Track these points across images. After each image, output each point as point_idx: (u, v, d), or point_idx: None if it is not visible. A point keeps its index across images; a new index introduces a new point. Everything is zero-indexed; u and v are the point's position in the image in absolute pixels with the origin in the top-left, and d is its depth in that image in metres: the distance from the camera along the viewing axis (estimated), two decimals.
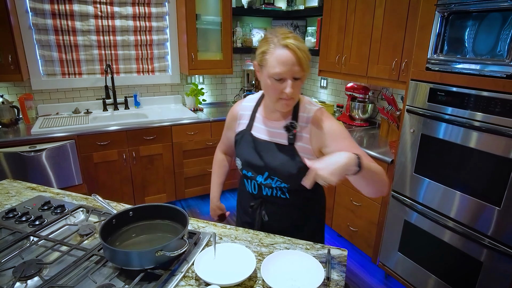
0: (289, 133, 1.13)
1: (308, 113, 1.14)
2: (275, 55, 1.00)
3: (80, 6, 2.80)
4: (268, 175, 1.17)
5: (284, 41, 0.99)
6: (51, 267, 1.01)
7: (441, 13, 1.67)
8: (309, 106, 1.15)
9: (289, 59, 0.99)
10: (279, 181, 1.17)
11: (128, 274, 0.98)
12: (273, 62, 1.00)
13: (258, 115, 1.23)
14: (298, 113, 1.15)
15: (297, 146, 1.13)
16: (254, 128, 1.23)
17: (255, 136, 1.21)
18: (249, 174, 1.23)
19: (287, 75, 1.01)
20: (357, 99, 2.86)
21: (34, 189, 1.55)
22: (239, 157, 1.24)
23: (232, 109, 1.33)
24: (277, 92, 1.04)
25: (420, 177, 1.88)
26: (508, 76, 1.44)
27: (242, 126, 1.26)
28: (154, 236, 1.14)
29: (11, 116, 2.61)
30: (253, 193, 1.27)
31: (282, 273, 0.98)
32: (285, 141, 1.15)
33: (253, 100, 1.28)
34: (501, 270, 1.57)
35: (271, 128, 1.19)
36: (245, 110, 1.27)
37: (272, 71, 1.01)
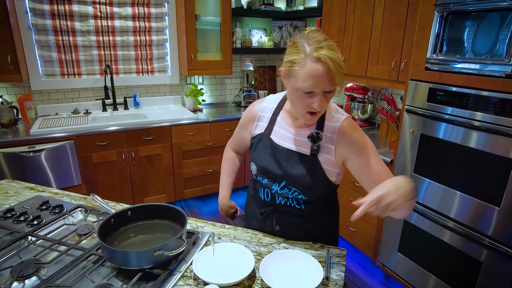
0: (314, 143, 1.05)
1: (335, 123, 1.05)
2: (306, 68, 0.90)
3: (80, 6, 2.80)
4: (285, 184, 1.09)
5: (317, 52, 0.88)
6: (49, 267, 1.00)
7: (440, 13, 1.67)
8: (336, 114, 1.07)
9: (321, 74, 0.89)
10: (297, 192, 1.09)
11: (126, 273, 0.98)
12: (303, 76, 0.91)
13: (280, 119, 1.14)
14: (324, 122, 1.06)
15: (320, 158, 1.05)
16: (273, 132, 1.13)
17: (274, 141, 1.12)
18: (264, 182, 1.14)
19: (317, 90, 0.92)
20: (357, 99, 2.86)
21: (33, 189, 1.55)
22: (255, 163, 1.15)
23: (250, 108, 1.23)
24: (305, 105, 0.96)
25: (420, 177, 1.88)
26: (507, 76, 1.44)
27: (260, 128, 1.17)
28: (153, 236, 1.13)
29: (10, 117, 2.61)
30: (265, 200, 1.19)
31: (280, 272, 0.98)
32: (307, 151, 1.06)
33: (274, 101, 1.18)
34: (500, 270, 1.57)
35: (293, 135, 1.10)
36: (265, 112, 1.18)
37: (301, 85, 0.92)
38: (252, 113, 1.22)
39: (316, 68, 0.89)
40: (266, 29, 3.73)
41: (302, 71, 0.91)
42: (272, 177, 1.11)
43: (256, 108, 1.21)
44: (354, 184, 2.40)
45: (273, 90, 3.93)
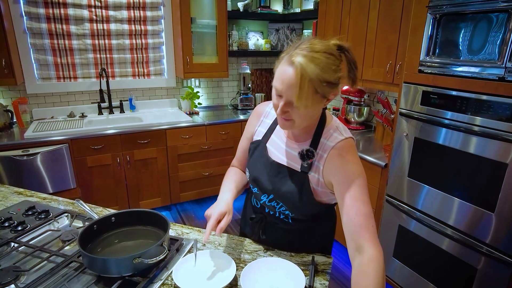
0: (304, 161, 0.97)
1: (331, 142, 0.96)
2: (279, 67, 0.87)
3: (75, 10, 2.80)
4: (273, 197, 1.06)
5: (294, 57, 0.83)
6: (28, 274, 0.99)
7: (433, 15, 1.65)
8: (334, 133, 0.97)
9: (287, 79, 0.83)
10: (284, 207, 1.06)
11: (107, 281, 0.96)
12: (276, 74, 0.89)
13: (278, 128, 1.08)
14: (320, 139, 0.98)
15: (310, 176, 0.98)
16: (270, 141, 1.09)
17: (268, 152, 1.07)
18: (254, 190, 1.13)
19: (283, 94, 0.86)
20: (353, 102, 2.83)
21: (21, 193, 1.54)
22: (249, 170, 1.12)
23: (256, 109, 1.17)
24: (275, 106, 0.92)
25: (414, 181, 1.86)
26: (500, 79, 1.42)
27: (259, 134, 1.13)
28: (137, 242, 1.12)
29: (5, 120, 2.61)
30: (256, 206, 1.18)
31: (262, 280, 0.96)
32: (298, 167, 1.00)
33: None
34: (495, 277, 1.54)
35: (287, 147, 1.04)
36: (267, 117, 1.13)
37: (273, 82, 0.89)
38: (258, 113, 1.15)
39: (285, 70, 0.84)
40: (263, 32, 3.72)
41: (277, 69, 0.88)
42: (261, 188, 1.08)
43: (261, 109, 1.15)
44: None
45: (270, 93, 3.90)
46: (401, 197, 1.95)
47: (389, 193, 2.02)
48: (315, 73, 0.81)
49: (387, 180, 2.02)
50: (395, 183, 1.98)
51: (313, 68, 0.81)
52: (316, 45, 0.84)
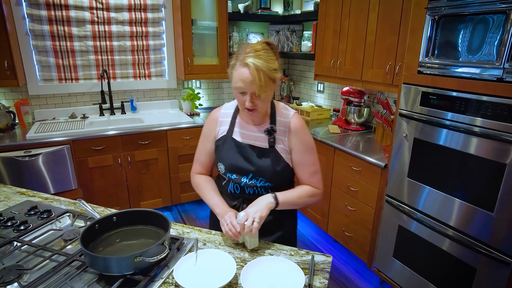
0: (270, 136, 1.22)
1: (285, 118, 1.24)
2: (236, 71, 1.10)
3: (77, 12, 2.82)
4: (252, 176, 1.23)
5: (246, 60, 1.06)
6: (31, 273, 1.00)
7: (432, 17, 1.66)
8: (285, 111, 1.26)
9: (247, 77, 1.07)
10: (263, 180, 1.23)
11: (108, 280, 0.97)
12: (235, 78, 1.11)
13: (238, 120, 1.29)
14: (276, 118, 1.24)
15: (277, 148, 1.23)
16: (235, 133, 1.27)
17: (237, 140, 1.26)
18: (233, 177, 1.26)
19: (246, 90, 1.09)
20: (353, 103, 2.85)
21: (23, 194, 1.55)
22: (222, 162, 1.26)
23: (209, 118, 1.35)
24: (241, 103, 1.15)
25: (414, 182, 1.86)
26: (498, 79, 1.43)
27: (222, 132, 1.30)
28: (138, 242, 1.13)
29: (7, 121, 2.63)
30: (235, 192, 1.28)
31: (262, 279, 0.97)
32: (266, 145, 1.23)
33: (231, 107, 1.33)
34: (495, 277, 1.54)
35: (251, 132, 1.25)
36: (224, 117, 1.31)
37: (234, 85, 1.12)
38: (212, 121, 1.34)
39: (243, 72, 1.07)
40: (263, 33, 3.73)
41: (234, 73, 1.11)
42: (240, 171, 1.24)
43: (216, 115, 1.33)
44: (349, 189, 2.38)
45: None
46: (401, 198, 1.96)
47: (389, 194, 2.03)
48: (264, 65, 1.07)
49: (387, 181, 2.03)
50: (395, 184, 1.98)
51: (261, 62, 1.07)
52: (255, 46, 1.10)
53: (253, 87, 1.07)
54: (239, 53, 1.11)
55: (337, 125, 2.94)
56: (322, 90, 3.49)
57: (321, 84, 3.48)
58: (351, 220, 2.43)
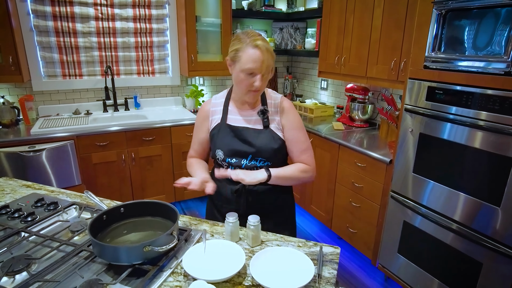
0: (264, 116, 1.30)
1: (275, 100, 1.34)
2: (247, 53, 1.15)
3: (81, 8, 2.82)
4: (252, 157, 1.29)
5: (255, 42, 1.15)
6: (40, 263, 1.00)
7: (439, 11, 1.65)
8: (273, 94, 1.36)
9: (258, 58, 1.15)
10: (263, 160, 1.29)
11: (117, 269, 0.97)
12: (245, 59, 1.16)
13: (231, 107, 1.35)
14: (266, 101, 1.33)
15: (272, 127, 1.31)
16: (229, 119, 1.34)
17: (232, 125, 1.32)
18: (233, 161, 1.31)
19: (257, 71, 1.17)
20: (357, 100, 2.84)
21: (29, 187, 1.56)
22: (221, 148, 1.31)
23: (201, 109, 1.42)
24: (247, 84, 1.20)
25: (419, 177, 1.86)
26: (506, 73, 1.42)
27: (215, 121, 1.36)
28: (145, 233, 1.13)
29: (11, 117, 2.63)
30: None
31: (271, 269, 0.97)
32: (260, 126, 1.31)
33: (221, 97, 1.40)
34: (501, 272, 1.54)
35: (246, 116, 1.33)
36: (215, 107, 1.37)
37: (244, 66, 1.17)
38: (204, 113, 1.39)
39: (253, 53, 1.15)
40: (267, 31, 3.73)
41: (244, 55, 1.16)
42: (239, 154, 1.30)
43: (207, 108, 1.39)
44: (353, 185, 2.38)
45: None
46: (406, 193, 1.96)
47: (394, 189, 2.03)
48: (270, 47, 1.19)
49: (392, 177, 2.03)
50: (400, 179, 1.98)
51: (268, 45, 1.18)
52: (254, 32, 1.20)
53: (263, 65, 1.16)
54: (241, 38, 1.18)
55: (341, 122, 2.94)
56: (325, 87, 3.49)
57: (325, 81, 3.47)
58: (355, 217, 2.42)
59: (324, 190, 2.71)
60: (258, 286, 0.91)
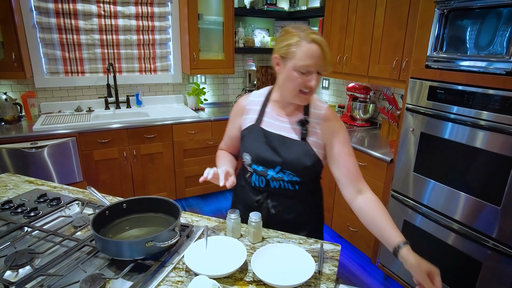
0: (303, 127, 1.15)
1: (319, 110, 1.17)
2: (303, 48, 1.01)
3: (84, 5, 2.83)
4: (280, 169, 1.16)
5: (312, 36, 1.02)
6: (43, 257, 1.01)
7: (441, 11, 1.66)
8: (319, 103, 1.19)
9: (317, 54, 1.01)
10: (292, 174, 1.16)
11: (119, 264, 0.98)
12: (301, 55, 1.01)
13: (269, 109, 1.21)
14: (310, 109, 1.17)
15: (309, 141, 1.15)
16: (264, 122, 1.20)
17: (265, 130, 1.19)
18: (259, 169, 1.19)
19: (314, 68, 1.03)
20: (359, 99, 2.84)
21: (32, 182, 1.57)
22: (249, 152, 1.20)
23: (237, 104, 1.30)
24: (300, 84, 1.05)
25: (420, 176, 1.86)
26: (508, 73, 1.43)
27: (249, 121, 1.23)
28: (147, 229, 1.14)
29: (13, 113, 2.64)
30: (260, 187, 1.22)
31: (273, 265, 0.97)
32: (297, 136, 1.16)
33: (261, 95, 1.26)
34: (500, 271, 1.54)
35: (283, 123, 1.18)
36: (252, 105, 1.25)
37: (299, 63, 1.02)
38: (240, 108, 1.28)
39: (312, 48, 1.01)
40: (269, 29, 3.73)
41: (299, 51, 1.02)
42: (267, 163, 1.17)
43: (243, 103, 1.27)
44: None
45: None
46: (406, 192, 1.96)
47: (395, 188, 2.03)
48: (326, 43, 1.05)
49: (393, 176, 2.03)
50: (400, 178, 1.99)
51: (325, 40, 1.04)
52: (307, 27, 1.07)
53: (321, 63, 1.03)
54: (293, 32, 1.04)
55: (343, 121, 2.94)
56: (327, 86, 3.49)
57: (326, 80, 3.47)
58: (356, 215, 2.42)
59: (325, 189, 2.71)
60: (259, 282, 0.92)
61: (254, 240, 1.11)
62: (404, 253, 0.97)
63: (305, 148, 1.14)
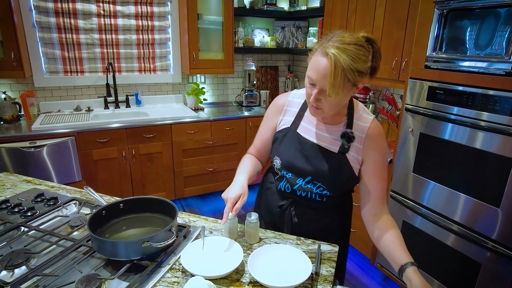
0: (348, 142, 1.05)
1: (364, 122, 1.07)
2: (314, 58, 0.94)
3: (83, 4, 2.82)
4: (310, 179, 1.09)
5: (329, 48, 0.89)
6: (39, 257, 1.01)
7: (440, 11, 1.65)
8: (364, 114, 1.08)
9: (322, 69, 0.90)
10: (322, 187, 1.09)
11: (115, 265, 0.97)
12: (310, 64, 0.95)
13: (307, 113, 1.12)
14: (353, 120, 1.07)
15: (348, 156, 1.06)
16: (300, 127, 1.12)
17: (301, 136, 1.11)
18: (288, 176, 1.13)
19: (316, 83, 0.93)
20: (358, 99, 2.84)
21: (30, 182, 1.56)
22: (280, 156, 1.13)
23: (275, 102, 1.20)
24: (307, 95, 0.99)
25: (419, 177, 1.86)
26: (507, 73, 1.42)
27: (285, 122, 1.15)
28: (144, 229, 1.13)
29: (13, 113, 2.64)
30: (285, 191, 1.17)
31: (269, 266, 0.97)
32: (335, 148, 1.07)
33: (301, 96, 1.16)
34: (500, 272, 1.54)
35: (321, 131, 1.09)
36: (291, 106, 1.16)
37: (307, 72, 0.96)
38: (278, 107, 1.19)
39: (319, 61, 0.91)
40: (268, 29, 3.73)
41: (311, 60, 0.95)
42: (297, 172, 1.10)
43: (282, 101, 1.18)
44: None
45: (275, 90, 3.93)
46: (406, 193, 1.96)
47: (394, 189, 2.03)
48: (347, 62, 0.87)
49: (392, 176, 2.03)
50: (400, 179, 1.98)
51: (345, 58, 0.87)
52: (346, 38, 0.91)
53: (324, 82, 0.90)
54: (326, 39, 0.94)
55: None
56: None
57: None
58: (354, 216, 2.40)
59: None
60: (256, 283, 0.92)
61: (251, 240, 1.11)
62: (410, 273, 0.92)
63: (342, 163, 1.06)
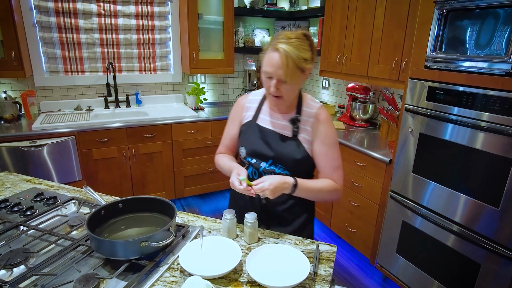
0: (294, 125, 1.23)
1: (311, 109, 1.25)
2: (266, 55, 1.12)
3: (84, 4, 2.83)
4: (272, 162, 1.24)
5: (277, 45, 1.07)
6: (37, 256, 1.01)
7: (440, 11, 1.65)
8: (311, 102, 1.27)
9: (275, 62, 1.08)
10: (282, 167, 1.24)
11: (114, 264, 0.98)
12: (264, 61, 1.12)
13: (265, 107, 1.31)
14: (302, 108, 1.25)
15: (300, 138, 1.23)
16: (259, 119, 1.30)
17: (261, 126, 1.28)
18: (253, 161, 1.28)
19: (273, 75, 1.10)
20: (358, 99, 2.84)
21: (29, 181, 1.57)
22: (244, 146, 1.29)
23: (237, 103, 1.38)
24: (267, 88, 1.16)
25: (419, 177, 1.86)
26: (507, 74, 1.42)
27: (247, 117, 1.33)
28: (143, 229, 1.13)
29: (13, 112, 2.65)
30: (253, 178, 1.27)
31: (267, 266, 0.97)
32: (289, 133, 1.24)
33: (259, 94, 1.36)
34: (499, 273, 1.53)
35: (276, 119, 1.27)
36: (251, 103, 1.34)
37: (263, 68, 1.13)
38: (239, 107, 1.36)
39: (272, 56, 1.08)
40: (269, 29, 3.73)
41: (264, 56, 1.13)
42: (261, 156, 1.26)
43: (243, 101, 1.37)
44: (353, 184, 2.38)
45: None
46: (405, 193, 1.95)
47: (394, 189, 2.02)
48: (294, 52, 1.07)
49: (392, 177, 2.03)
50: (399, 179, 1.98)
51: (292, 49, 1.07)
52: (290, 34, 1.11)
53: (279, 72, 1.08)
54: (274, 38, 1.12)
55: (342, 121, 2.94)
56: (327, 86, 3.48)
57: (326, 80, 3.47)
58: (354, 216, 2.42)
59: None
60: (254, 283, 0.92)
61: (249, 240, 1.11)
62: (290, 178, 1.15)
63: (295, 144, 1.23)
